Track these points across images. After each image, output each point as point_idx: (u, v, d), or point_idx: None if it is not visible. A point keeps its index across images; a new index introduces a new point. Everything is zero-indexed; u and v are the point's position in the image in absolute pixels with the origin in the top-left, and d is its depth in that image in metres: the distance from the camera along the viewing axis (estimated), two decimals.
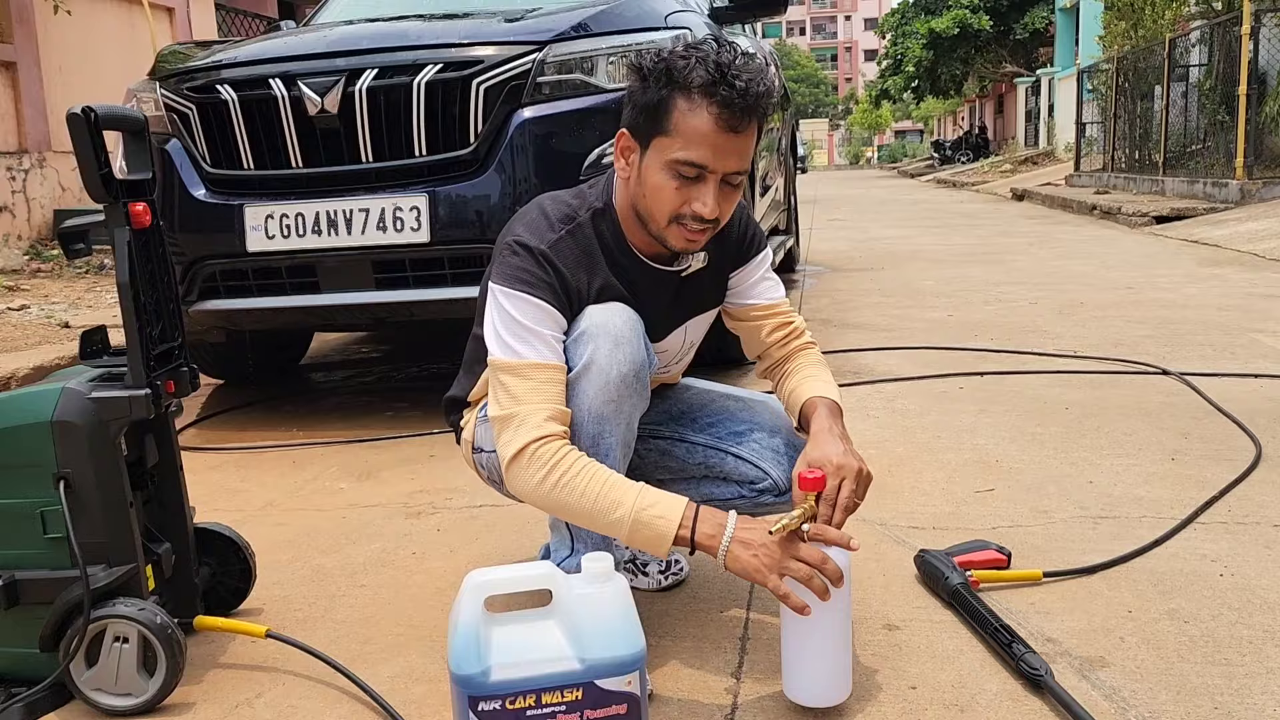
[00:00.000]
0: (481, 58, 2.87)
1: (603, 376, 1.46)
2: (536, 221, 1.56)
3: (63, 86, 7.98)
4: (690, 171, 1.45)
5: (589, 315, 1.50)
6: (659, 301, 1.63)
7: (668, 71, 1.44)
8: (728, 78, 1.42)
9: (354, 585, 1.99)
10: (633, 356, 1.48)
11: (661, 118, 1.45)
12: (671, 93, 1.44)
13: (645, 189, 1.50)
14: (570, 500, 1.41)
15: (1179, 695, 1.46)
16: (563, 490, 1.41)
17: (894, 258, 7.69)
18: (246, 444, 3.10)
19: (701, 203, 1.47)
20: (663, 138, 1.46)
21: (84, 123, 1.46)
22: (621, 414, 1.49)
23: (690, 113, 1.43)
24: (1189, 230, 8.64)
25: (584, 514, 1.42)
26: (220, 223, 2.99)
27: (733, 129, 1.44)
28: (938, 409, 3.13)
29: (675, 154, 1.45)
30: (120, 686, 1.51)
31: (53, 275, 6.54)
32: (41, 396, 1.52)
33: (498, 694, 1.23)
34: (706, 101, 1.42)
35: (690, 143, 1.44)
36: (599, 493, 1.40)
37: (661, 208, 1.49)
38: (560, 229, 1.54)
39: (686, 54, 1.45)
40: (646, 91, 1.46)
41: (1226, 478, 2.36)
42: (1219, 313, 4.67)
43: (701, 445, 1.76)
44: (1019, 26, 28.81)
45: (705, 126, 1.43)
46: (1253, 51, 10.05)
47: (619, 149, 1.53)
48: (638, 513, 1.38)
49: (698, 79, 1.42)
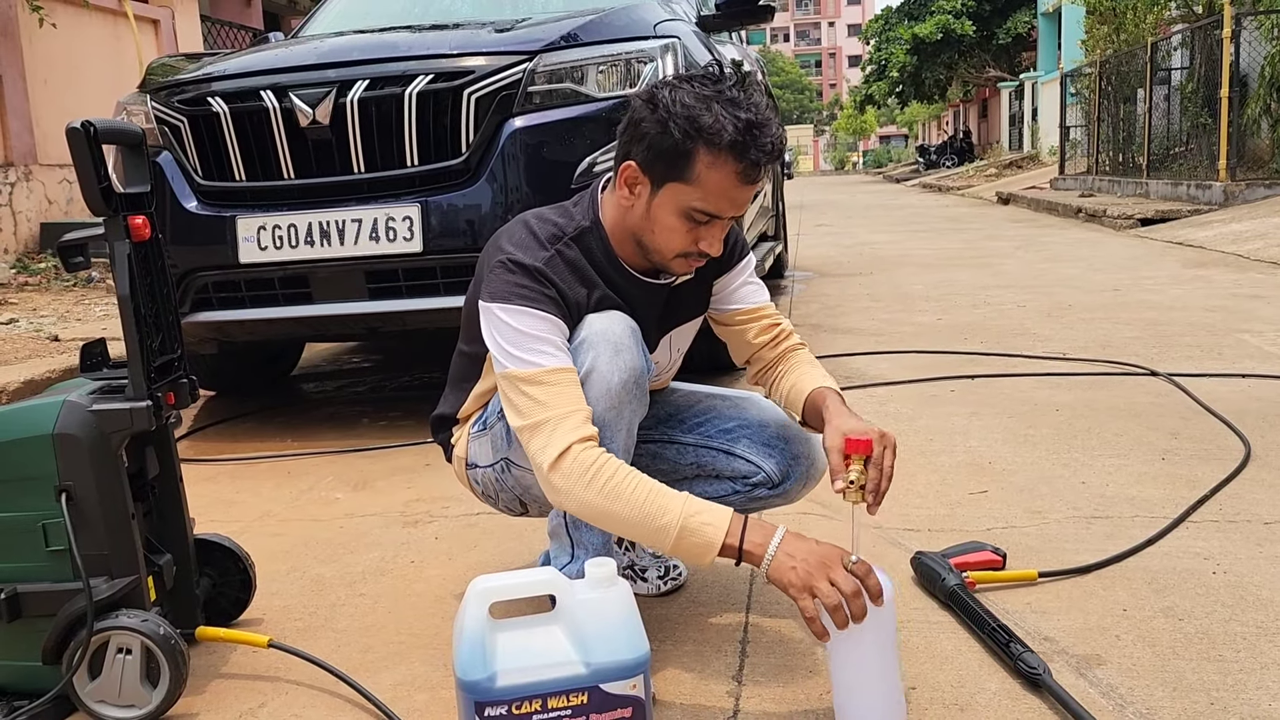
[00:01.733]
0: (472, 68, 2.89)
1: (604, 383, 1.47)
2: (526, 240, 1.55)
3: (48, 99, 7.95)
4: (704, 218, 1.49)
5: (589, 324, 1.52)
6: (650, 311, 1.64)
7: (694, 123, 1.43)
8: (756, 138, 1.43)
9: (354, 594, 2.00)
10: (632, 363, 1.49)
11: (682, 167, 1.46)
12: (697, 146, 1.44)
13: (654, 226, 1.52)
14: (615, 507, 1.38)
15: (1175, 692, 1.47)
16: (608, 497, 1.38)
17: (882, 262, 7.73)
18: (241, 455, 3.10)
19: (709, 243, 1.52)
20: (681, 185, 1.47)
21: (84, 137, 1.47)
22: (622, 420, 1.50)
23: (714, 168, 1.44)
24: (1174, 232, 8.71)
25: (629, 521, 1.39)
26: (212, 234, 2.99)
27: (751, 182, 1.47)
28: (929, 412, 3.15)
29: (693, 203, 1.47)
30: (124, 698, 1.51)
31: (40, 288, 6.52)
32: (43, 410, 1.52)
33: (504, 699, 1.24)
34: (731, 158, 1.44)
35: (710, 194, 1.46)
36: (645, 499, 1.38)
37: (670, 245, 1.52)
38: (550, 247, 1.55)
39: (707, 103, 1.43)
40: (665, 136, 1.45)
41: (1217, 477, 2.39)
42: (1205, 313, 4.71)
43: (692, 445, 1.78)
44: (1002, 31, 29.00)
45: (728, 182, 1.45)
46: (1234, 54, 10.14)
47: (623, 179, 1.52)
48: (685, 519, 1.36)
49: (727, 139, 1.42)
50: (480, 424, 1.69)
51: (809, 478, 1.76)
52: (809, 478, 1.76)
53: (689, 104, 1.44)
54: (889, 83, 33.44)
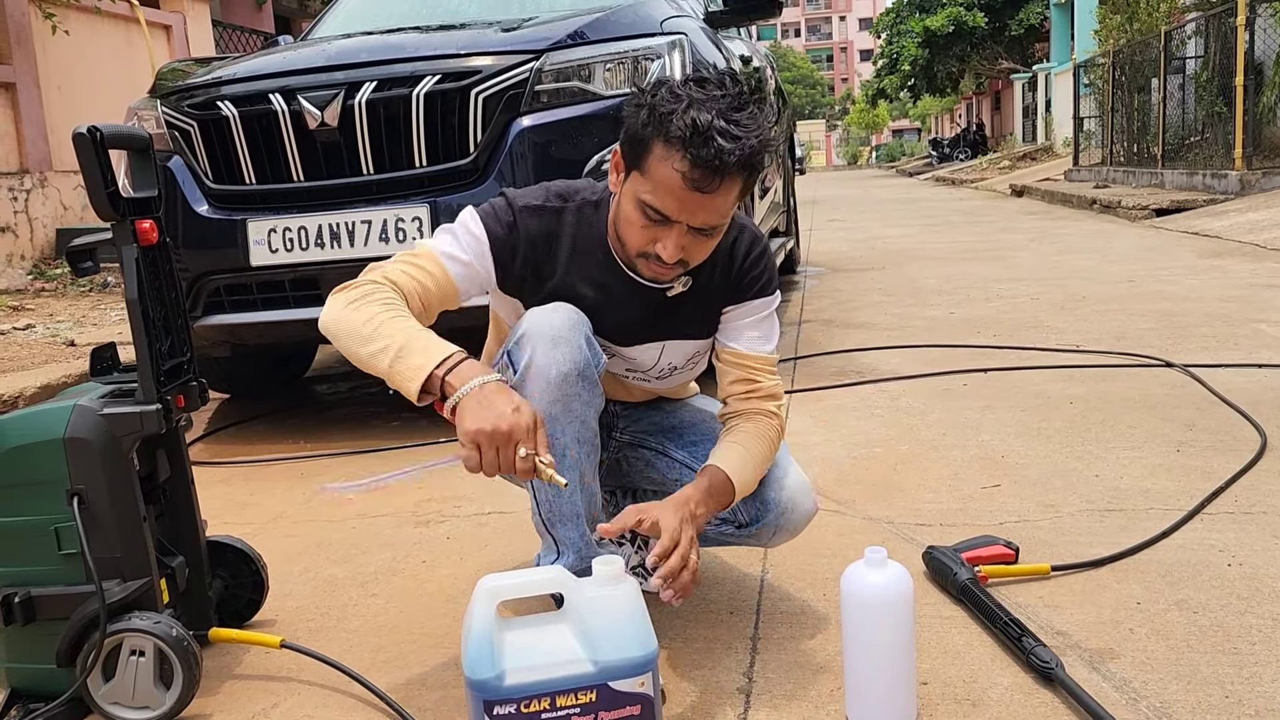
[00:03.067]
0: (480, 68, 2.89)
1: (543, 377, 1.46)
2: (534, 190, 1.60)
3: (62, 106, 8.01)
4: (655, 215, 1.42)
5: (527, 318, 1.51)
6: (634, 310, 1.60)
7: (652, 110, 1.39)
8: (706, 134, 1.35)
9: (366, 594, 2.00)
10: (573, 355, 1.47)
11: (640, 154, 1.42)
12: (652, 134, 1.39)
13: (620, 214, 1.49)
14: (354, 316, 1.39)
15: (1190, 685, 1.46)
16: (354, 310, 1.40)
17: (894, 257, 7.70)
18: (254, 457, 3.12)
19: (663, 246, 1.44)
20: (638, 174, 1.43)
21: (90, 142, 1.48)
22: (572, 413, 1.48)
23: (661, 162, 1.39)
24: (1189, 222, 8.65)
25: (359, 335, 1.38)
26: (223, 238, 3.01)
27: (699, 189, 1.38)
28: (942, 406, 3.14)
29: (644, 195, 1.42)
30: (137, 700, 1.52)
31: (57, 294, 6.57)
32: (53, 414, 1.53)
33: (512, 697, 1.24)
34: (677, 156, 1.37)
35: (658, 190, 1.40)
36: (386, 319, 1.38)
37: (630, 239, 1.48)
38: (548, 202, 1.57)
39: (678, 96, 1.39)
40: (635, 121, 1.42)
41: (1232, 468, 2.37)
42: (1221, 304, 4.68)
43: (679, 463, 1.75)
44: (1014, 23, 28.83)
45: (672, 181, 1.38)
46: (1249, 42, 10.05)
47: (612, 162, 1.51)
48: (410, 339, 1.35)
49: (675, 130, 1.36)
50: None
51: (779, 527, 1.67)
52: (779, 527, 1.67)
53: (667, 96, 1.39)
54: (901, 76, 33.28)
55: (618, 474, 1.84)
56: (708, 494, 1.52)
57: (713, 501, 1.52)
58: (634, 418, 1.81)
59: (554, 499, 1.54)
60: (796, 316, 5.08)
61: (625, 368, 1.69)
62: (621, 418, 1.81)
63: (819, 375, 3.68)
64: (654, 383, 1.75)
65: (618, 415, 1.80)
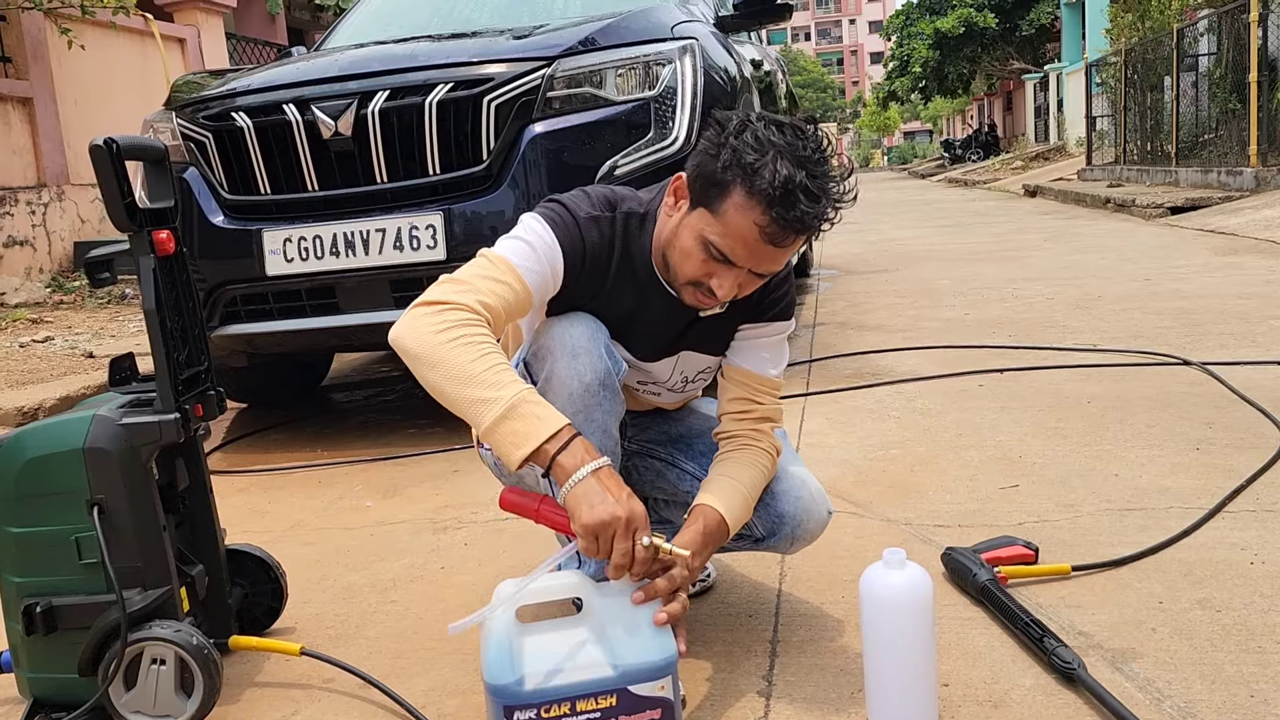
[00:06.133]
0: (492, 75, 2.90)
1: (565, 389, 1.45)
2: (579, 198, 1.55)
3: (79, 120, 8.08)
4: (719, 255, 1.41)
5: (545, 329, 1.50)
6: (664, 326, 1.60)
7: (740, 159, 1.35)
8: (793, 194, 1.33)
9: (385, 601, 2.01)
10: (593, 365, 1.46)
11: (715, 196, 1.39)
12: (734, 180, 1.36)
13: (676, 243, 1.47)
14: (458, 357, 1.30)
15: (1214, 684, 1.45)
16: (455, 345, 1.31)
17: (908, 258, 7.68)
18: (272, 465, 3.13)
19: (719, 283, 1.43)
20: (709, 213, 1.40)
21: (107, 154, 1.49)
22: (593, 422, 1.48)
23: (740, 210, 1.36)
24: (1205, 220, 8.60)
25: (459, 377, 1.30)
26: (239, 248, 3.02)
27: (774, 243, 1.38)
28: (958, 407, 3.13)
29: (712, 236, 1.40)
30: (159, 708, 1.53)
31: (75, 306, 6.62)
32: (73, 424, 1.54)
33: (532, 702, 1.25)
34: (759, 210, 1.35)
35: (729, 235, 1.38)
36: (491, 364, 1.31)
37: (684, 269, 1.46)
38: (600, 210, 1.53)
39: (762, 144, 1.36)
40: (713, 160, 1.39)
41: (1253, 465, 2.35)
42: (1238, 301, 4.65)
43: (689, 474, 1.73)
44: (1025, 23, 28.76)
45: (749, 232, 1.37)
46: (1262, 38, 10.00)
47: (673, 187, 1.48)
48: (521, 399, 1.29)
49: (761, 184, 1.34)
50: None
51: (795, 538, 1.65)
52: (795, 538, 1.65)
53: (750, 141, 1.36)
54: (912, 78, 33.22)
55: (626, 482, 1.83)
56: (704, 543, 1.49)
57: (710, 547, 1.51)
58: (642, 426, 1.80)
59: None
60: (811, 319, 5.07)
61: (637, 379, 1.69)
62: (630, 426, 1.80)
63: (834, 377, 3.67)
64: (664, 395, 1.74)
65: (626, 424, 1.79)
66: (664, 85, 2.94)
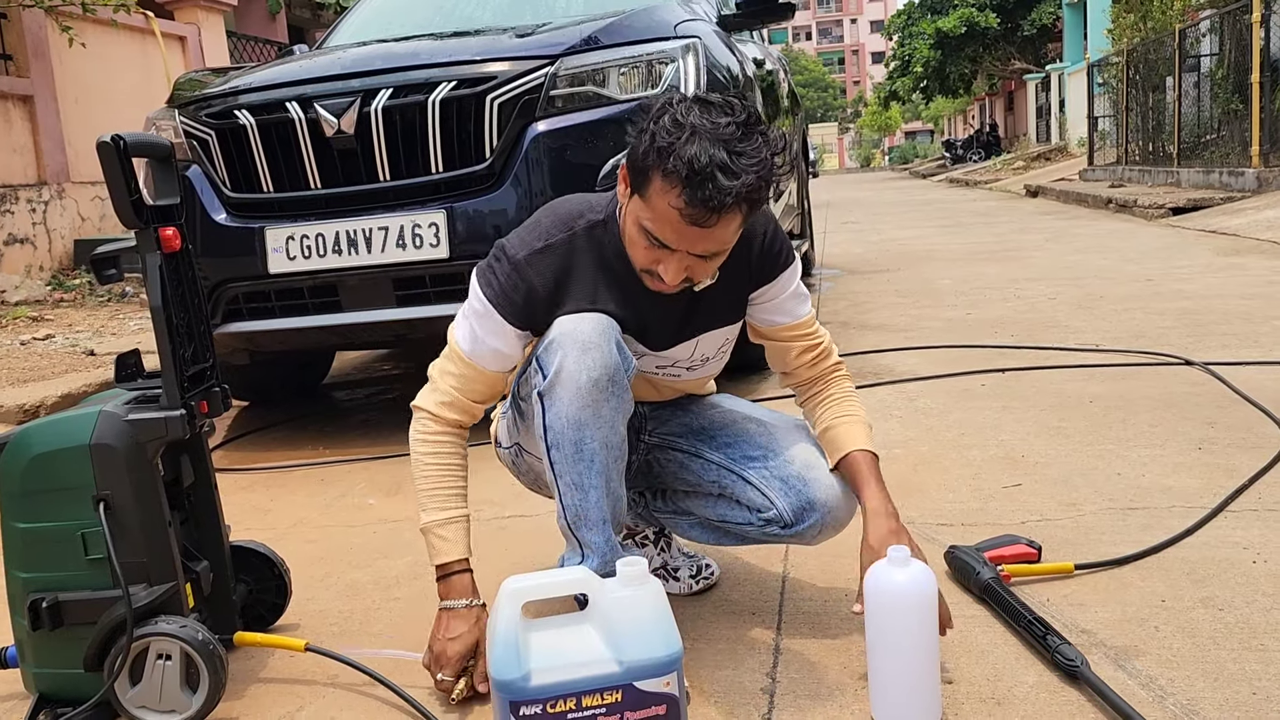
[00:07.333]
0: (495, 73, 2.90)
1: (574, 383, 1.46)
2: (530, 229, 1.59)
3: (79, 118, 8.08)
4: (656, 242, 1.43)
5: (558, 324, 1.51)
6: (665, 312, 1.61)
7: (658, 143, 1.36)
8: (704, 174, 1.33)
9: (388, 598, 2.01)
10: (603, 361, 1.47)
11: (641, 182, 1.41)
12: (653, 165, 1.38)
13: (626, 232, 1.50)
14: (416, 468, 1.63)
15: (1216, 682, 1.45)
16: (416, 456, 1.63)
17: (909, 258, 7.68)
18: (275, 463, 3.13)
19: (665, 269, 1.45)
20: (640, 200, 1.42)
21: (114, 151, 1.49)
22: (601, 418, 1.49)
23: (660, 194, 1.38)
24: (1206, 220, 8.60)
25: (417, 483, 1.63)
26: (242, 246, 3.02)
27: (697, 224, 1.37)
28: (960, 407, 3.13)
29: (646, 223, 1.42)
30: (164, 703, 1.53)
31: (75, 304, 6.62)
32: (79, 420, 1.54)
33: (538, 698, 1.25)
34: (674, 193, 1.36)
35: (657, 220, 1.40)
36: (426, 489, 1.61)
37: (634, 258, 1.50)
38: (550, 237, 1.56)
39: (679, 125, 1.36)
40: (638, 146, 1.40)
41: (1255, 465, 2.35)
42: (1240, 301, 4.65)
43: (715, 464, 1.73)
44: (1026, 23, 28.76)
45: (670, 215, 1.38)
46: (1264, 39, 10.00)
47: (620, 174, 1.49)
48: (427, 528, 1.61)
49: (674, 165, 1.34)
50: (505, 405, 1.74)
51: (824, 526, 1.65)
52: (824, 526, 1.65)
53: (666, 124, 1.37)
54: (913, 78, 33.23)
55: (648, 475, 1.83)
56: (880, 485, 1.59)
57: (884, 486, 1.60)
58: (662, 419, 1.80)
59: (580, 503, 1.54)
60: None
61: (655, 364, 1.69)
62: (650, 419, 1.80)
63: None
64: (685, 375, 1.74)
65: (645, 417, 1.79)
66: (667, 84, 2.94)
